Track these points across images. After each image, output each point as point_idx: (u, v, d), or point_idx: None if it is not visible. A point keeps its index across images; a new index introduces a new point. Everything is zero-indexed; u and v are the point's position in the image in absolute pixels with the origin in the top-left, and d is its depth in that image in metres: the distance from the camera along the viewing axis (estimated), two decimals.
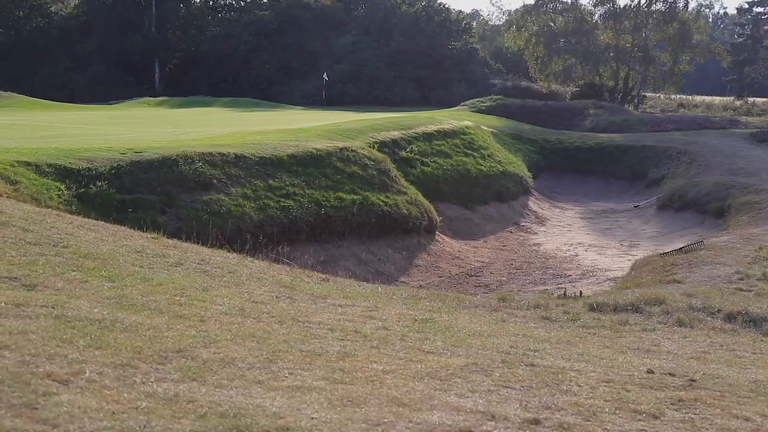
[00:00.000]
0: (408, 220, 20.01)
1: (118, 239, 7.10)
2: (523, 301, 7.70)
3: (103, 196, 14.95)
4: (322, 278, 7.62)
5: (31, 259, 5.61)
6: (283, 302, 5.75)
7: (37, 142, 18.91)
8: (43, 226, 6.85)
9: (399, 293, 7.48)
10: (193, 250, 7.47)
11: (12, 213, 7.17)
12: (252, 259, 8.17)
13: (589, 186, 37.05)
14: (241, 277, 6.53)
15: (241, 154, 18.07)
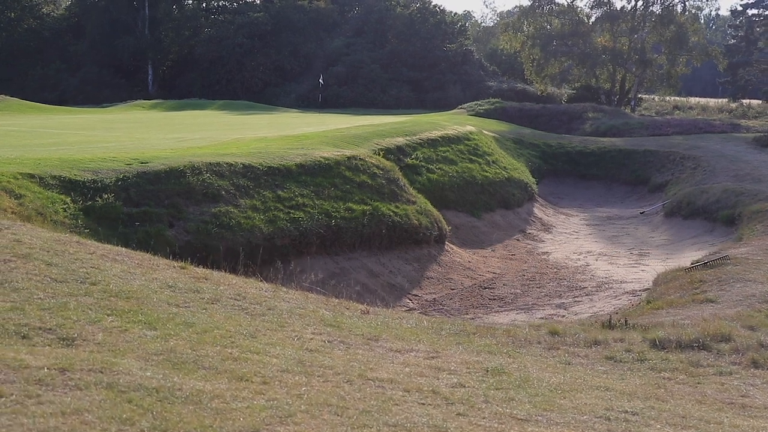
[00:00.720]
0: (418, 231, 19.54)
1: (145, 271, 6.60)
2: (576, 335, 7.23)
3: (109, 209, 14.44)
4: (362, 310, 7.14)
5: (62, 302, 5.11)
6: (338, 349, 5.27)
7: (38, 152, 18.37)
8: (66, 258, 6.34)
9: (446, 327, 7.00)
10: (224, 282, 6.97)
11: (32, 243, 6.66)
12: (286, 290, 7.68)
13: (592, 191, 36.68)
14: (282, 314, 6.04)
15: (249, 164, 17.56)
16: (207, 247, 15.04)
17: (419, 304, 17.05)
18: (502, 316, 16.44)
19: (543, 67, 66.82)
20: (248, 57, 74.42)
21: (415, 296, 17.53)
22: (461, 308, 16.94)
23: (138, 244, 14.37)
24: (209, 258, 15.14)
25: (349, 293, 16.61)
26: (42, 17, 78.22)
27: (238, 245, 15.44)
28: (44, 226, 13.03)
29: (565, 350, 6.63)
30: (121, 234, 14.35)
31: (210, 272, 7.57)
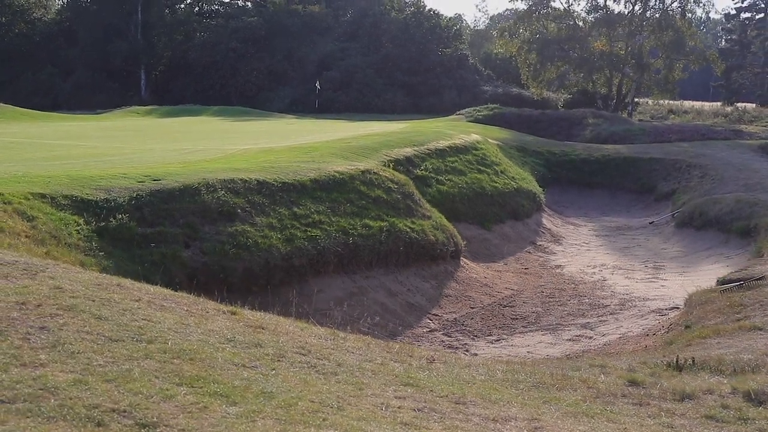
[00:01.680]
0: (435, 247, 19.02)
1: (198, 321, 6.07)
2: (658, 383, 6.72)
3: (123, 230, 13.87)
4: (427, 358, 6.62)
5: (125, 369, 4.58)
6: (432, 420, 4.77)
7: (43, 167, 17.77)
8: (113, 309, 5.80)
9: (520, 378, 6.48)
10: (280, 330, 6.46)
11: (74, 289, 6.12)
12: (343, 335, 7.15)
13: (597, 199, 36.28)
14: (354, 372, 5.53)
15: (264, 180, 17.02)
16: (224, 269, 14.50)
17: (440, 325, 16.53)
18: (527, 337, 15.94)
19: (540, 72, 66.47)
20: (242, 62, 73.87)
21: (435, 316, 17.01)
22: (484, 329, 16.43)
23: (153, 265, 13.86)
24: (227, 280, 14.63)
25: (369, 314, 16.11)
26: (33, 22, 77.50)
27: (255, 266, 14.91)
28: (58, 251, 12.49)
29: (657, 407, 6.13)
30: (136, 256, 13.81)
31: (262, 317, 7.04)
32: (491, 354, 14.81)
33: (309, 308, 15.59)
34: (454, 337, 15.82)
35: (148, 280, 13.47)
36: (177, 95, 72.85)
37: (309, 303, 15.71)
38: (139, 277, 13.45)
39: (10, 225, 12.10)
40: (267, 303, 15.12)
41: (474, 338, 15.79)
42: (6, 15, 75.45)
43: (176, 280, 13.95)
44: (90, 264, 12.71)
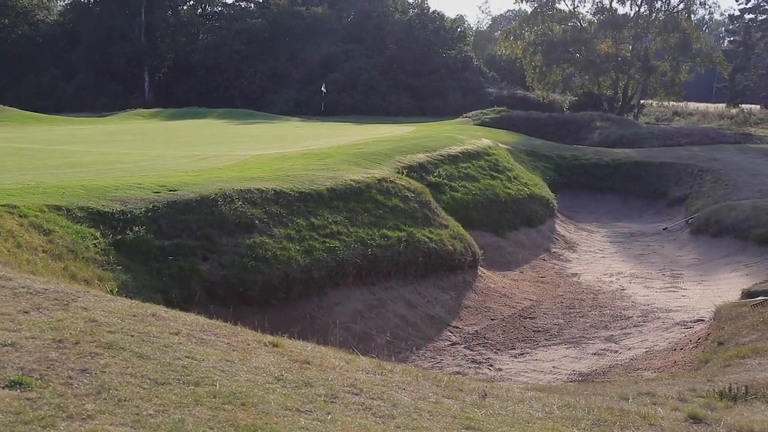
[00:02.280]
0: (453, 257, 18.70)
1: (242, 356, 5.76)
2: (721, 419, 6.39)
3: (140, 243, 13.54)
4: (479, 393, 6.29)
5: (176, 419, 4.27)
6: None
7: (55, 176, 17.46)
8: (154, 345, 5.49)
9: (574, 412, 6.16)
10: (327, 364, 6.14)
11: (110, 323, 5.80)
12: (390, 367, 6.82)
13: (608, 205, 35.95)
14: (411, 413, 5.22)
15: (280, 190, 16.69)
16: (243, 282, 14.19)
17: (462, 338, 16.20)
18: (551, 351, 15.61)
19: (545, 75, 66.10)
20: (246, 64, 73.54)
21: (456, 328, 16.68)
22: (506, 342, 16.09)
23: (172, 279, 13.55)
24: (246, 294, 14.31)
25: (389, 327, 15.79)
26: (36, 23, 77.17)
27: (275, 279, 14.60)
28: (76, 265, 12.17)
29: None
30: (154, 269, 13.50)
31: (305, 348, 6.73)
32: (516, 369, 14.49)
33: (329, 321, 15.28)
34: (476, 350, 15.49)
35: (167, 294, 13.22)
36: (180, 97, 72.52)
37: (329, 316, 15.41)
38: (157, 292, 13.21)
39: (27, 239, 11.79)
40: (287, 317, 14.83)
41: (497, 352, 15.46)
42: (9, 17, 75.11)
43: (195, 294, 13.67)
44: (108, 279, 12.41)
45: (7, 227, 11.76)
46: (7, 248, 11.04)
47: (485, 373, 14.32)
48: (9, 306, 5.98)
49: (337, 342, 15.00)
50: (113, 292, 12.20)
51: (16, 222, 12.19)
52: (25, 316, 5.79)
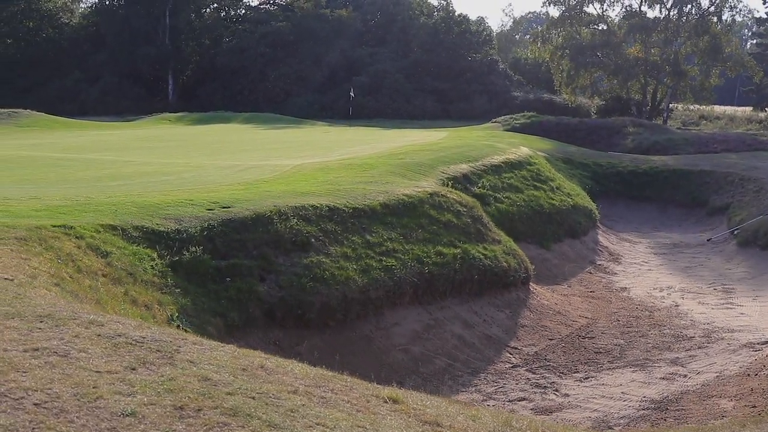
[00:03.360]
0: (508, 274, 18.16)
1: (368, 418, 5.29)
2: None
3: (197, 264, 13.08)
4: None
5: None
6: None
7: (102, 190, 17.05)
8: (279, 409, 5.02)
9: None
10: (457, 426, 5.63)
11: (223, 380, 5.32)
12: (518, 425, 6.29)
13: (646, 213, 35.31)
14: None
15: (334, 206, 16.21)
16: (302, 303, 13.71)
17: (522, 359, 15.66)
18: (616, 374, 15.05)
19: (573, 79, 65.39)
20: (270, 67, 73.25)
21: (515, 349, 16.14)
22: (568, 364, 15.54)
23: (230, 302, 13.07)
24: (304, 316, 13.83)
25: (448, 348, 15.28)
26: (61, 26, 77.12)
27: (333, 300, 14.11)
28: (136, 289, 11.71)
29: None
30: (211, 291, 13.05)
31: (426, 405, 6.20)
32: (583, 395, 13.94)
33: (387, 343, 14.81)
34: (539, 374, 14.95)
35: (226, 318, 12.76)
36: (205, 101, 72.32)
37: (387, 337, 14.93)
38: (216, 315, 12.75)
39: (87, 263, 11.34)
40: (345, 339, 14.35)
41: (560, 375, 14.92)
42: (34, 20, 75.07)
43: (254, 317, 13.21)
44: (167, 303, 11.97)
45: (66, 250, 11.32)
46: (69, 274, 10.59)
47: (552, 399, 13.79)
48: (114, 362, 5.50)
49: (398, 365, 14.54)
50: (173, 317, 11.78)
51: (73, 244, 11.75)
52: (135, 375, 5.31)
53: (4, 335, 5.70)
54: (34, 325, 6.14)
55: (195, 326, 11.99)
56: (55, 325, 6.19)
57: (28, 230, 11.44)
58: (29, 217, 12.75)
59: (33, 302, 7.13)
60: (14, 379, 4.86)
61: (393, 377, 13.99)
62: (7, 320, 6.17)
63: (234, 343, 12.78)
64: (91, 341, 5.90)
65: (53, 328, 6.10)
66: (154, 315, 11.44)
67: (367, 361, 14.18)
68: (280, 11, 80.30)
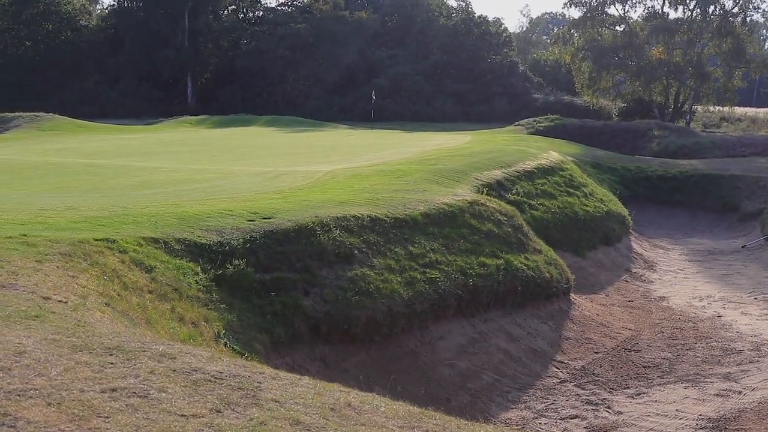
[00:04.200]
0: (550, 284, 17.74)
1: None
2: None
3: (241, 278, 12.71)
4: None
5: None
6: None
7: (137, 199, 16.73)
8: None
9: None
10: None
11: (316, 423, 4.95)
12: None
13: (676, 219, 34.81)
14: None
15: (376, 216, 15.83)
16: (347, 318, 13.31)
17: (569, 374, 15.23)
18: (668, 390, 14.61)
19: (595, 81, 64.82)
20: (289, 69, 73.01)
21: (561, 363, 15.72)
22: (617, 379, 15.11)
23: (275, 316, 12.70)
24: (350, 331, 13.44)
25: (493, 363, 14.87)
26: (80, 29, 77.09)
27: (379, 314, 13.71)
28: (182, 306, 11.34)
29: None
30: (256, 306, 12.67)
31: None
32: (637, 413, 13.51)
33: (433, 358, 14.41)
34: (588, 389, 14.52)
35: (272, 334, 12.38)
36: (224, 103, 72.12)
37: (432, 352, 14.53)
38: (262, 331, 12.37)
39: (132, 279, 11.00)
40: (390, 354, 13.96)
41: (611, 391, 14.48)
42: (53, 22, 75.04)
43: (300, 332, 12.84)
44: (213, 319, 11.62)
45: (110, 266, 10.97)
46: (116, 291, 10.24)
47: (605, 416, 13.36)
48: (197, 403, 5.12)
49: (445, 381, 14.14)
50: (220, 334, 11.42)
51: (117, 259, 11.41)
52: (222, 419, 4.93)
53: (77, 373, 5.34)
54: (105, 359, 5.77)
55: (242, 343, 11.64)
56: (127, 359, 5.82)
57: (71, 245, 11.10)
58: (69, 229, 12.43)
59: (96, 330, 6.78)
60: (98, 426, 4.49)
61: (441, 394, 13.62)
62: (76, 354, 5.81)
63: (280, 359, 12.47)
64: (169, 378, 5.52)
65: (125, 363, 5.73)
66: (201, 332, 11.09)
67: (413, 377, 13.80)
68: (298, 13, 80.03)
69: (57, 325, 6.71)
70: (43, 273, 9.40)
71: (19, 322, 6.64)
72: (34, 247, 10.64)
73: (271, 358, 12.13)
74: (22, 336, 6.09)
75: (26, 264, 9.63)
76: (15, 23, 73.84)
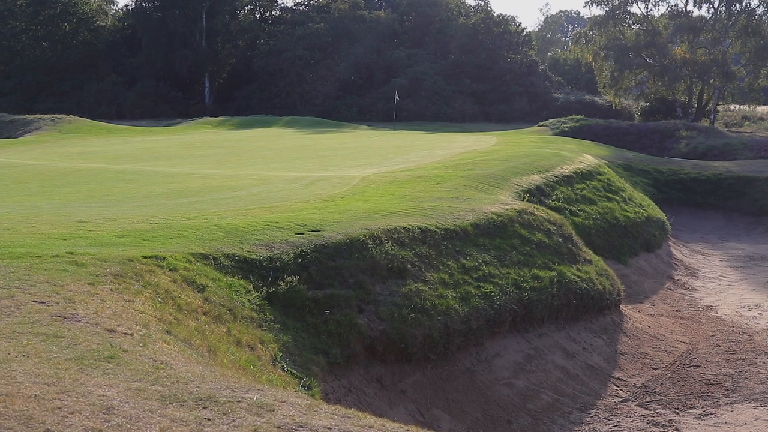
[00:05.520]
0: (603, 296, 17.09)
1: None
2: None
3: (293, 295, 12.09)
4: None
5: None
6: None
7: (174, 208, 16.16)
8: None
9: None
10: None
11: None
12: None
13: (711, 222, 34.09)
14: None
15: (426, 228, 15.19)
16: (404, 336, 12.70)
17: (631, 393, 14.57)
18: (737, 411, 13.92)
19: (617, 80, 63.97)
20: (308, 69, 72.35)
21: (620, 381, 15.05)
22: (681, 398, 14.43)
23: (330, 336, 12.09)
24: (406, 350, 12.81)
25: (552, 381, 14.23)
26: (97, 30, 76.64)
27: (435, 332, 13.07)
28: (237, 328, 10.74)
29: None
30: (310, 326, 12.07)
31: None
32: None
33: (490, 377, 13.77)
34: (652, 409, 13.85)
35: (328, 355, 11.76)
36: (241, 103, 71.62)
37: (489, 370, 13.90)
38: (318, 352, 11.75)
39: (186, 300, 10.40)
40: (446, 373, 13.33)
41: (677, 412, 13.81)
42: (70, 23, 74.63)
43: (355, 352, 12.23)
44: (269, 341, 11.03)
45: (163, 286, 10.38)
46: (173, 315, 9.64)
47: None
48: None
49: (504, 402, 13.49)
50: (277, 357, 10.83)
51: (168, 278, 10.82)
52: None
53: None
54: (199, 414, 5.15)
55: (299, 366, 11.05)
56: (223, 413, 5.20)
57: (121, 264, 10.51)
58: (114, 245, 11.86)
59: (177, 374, 6.16)
60: None
61: (500, 415, 12.99)
62: (167, 407, 5.18)
63: (337, 382, 11.85)
64: None
65: (223, 418, 5.11)
66: (259, 356, 10.49)
67: (471, 397, 13.19)
68: (316, 12, 79.41)
69: (135, 368, 6.10)
70: (99, 298, 8.81)
71: (95, 365, 6.03)
72: (84, 267, 10.05)
73: (327, 381, 11.52)
74: (104, 385, 5.48)
75: (80, 288, 9.04)
76: (32, 24, 73.50)
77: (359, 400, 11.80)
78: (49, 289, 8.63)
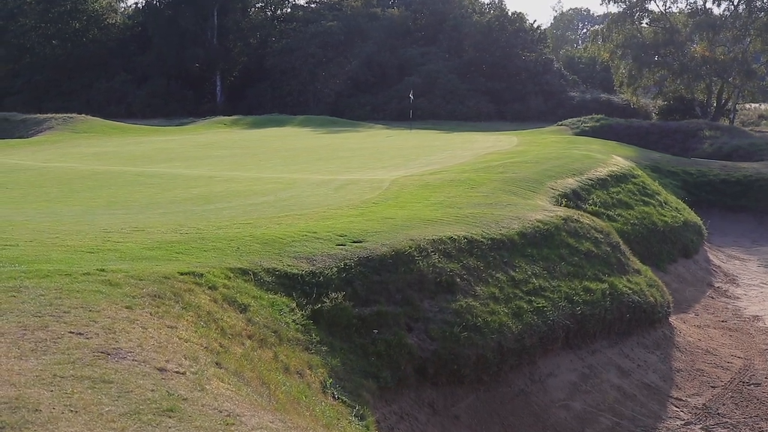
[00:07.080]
0: (655, 309, 16.17)
1: None
2: None
3: (339, 313, 11.20)
4: None
5: None
6: None
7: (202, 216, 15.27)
8: None
9: None
10: None
11: None
12: None
13: (743, 225, 33.09)
14: None
15: (471, 237, 14.26)
16: (457, 357, 11.80)
17: (692, 414, 13.63)
18: None
19: (635, 79, 62.91)
20: (321, 67, 71.38)
21: (679, 401, 14.12)
22: (747, 420, 13.50)
23: (378, 358, 11.19)
24: (459, 371, 11.89)
25: (609, 403, 13.29)
26: (107, 28, 75.79)
27: (488, 351, 12.15)
28: (284, 352, 9.87)
29: None
30: (358, 346, 11.19)
31: None
32: None
33: (545, 399, 12.85)
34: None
35: (378, 378, 10.86)
36: (253, 102, 70.74)
37: (543, 391, 12.99)
38: (368, 376, 10.85)
39: (229, 323, 9.51)
40: (500, 395, 12.43)
41: None
42: (80, 21, 73.77)
43: (405, 374, 11.34)
44: (317, 365, 10.17)
45: (204, 308, 9.49)
46: (217, 341, 8.74)
47: None
48: None
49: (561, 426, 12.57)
50: (327, 383, 9.97)
51: (208, 297, 9.93)
52: None
53: None
54: None
55: (348, 393, 10.18)
56: None
57: (158, 283, 9.62)
58: (146, 259, 10.97)
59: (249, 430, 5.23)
60: None
61: None
62: None
63: (387, 408, 10.95)
64: None
65: None
66: (309, 384, 9.61)
67: (527, 421, 12.28)
68: (328, 10, 78.46)
69: (201, 425, 5.19)
70: (140, 326, 7.90)
71: (154, 421, 5.12)
72: (118, 287, 9.15)
73: (378, 407, 10.64)
74: None
75: (118, 314, 8.14)
76: (42, 21, 72.64)
77: (412, 428, 10.94)
78: (85, 317, 7.73)
